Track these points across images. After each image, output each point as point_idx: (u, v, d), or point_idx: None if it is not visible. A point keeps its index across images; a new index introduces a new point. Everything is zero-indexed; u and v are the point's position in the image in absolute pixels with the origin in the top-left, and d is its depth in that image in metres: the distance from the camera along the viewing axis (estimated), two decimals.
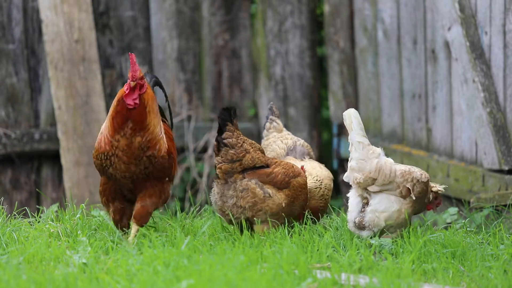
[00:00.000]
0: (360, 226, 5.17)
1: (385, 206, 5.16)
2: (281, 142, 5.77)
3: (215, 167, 5.18)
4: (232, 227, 5.24)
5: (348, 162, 5.23)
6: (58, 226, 5.14)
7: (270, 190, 5.15)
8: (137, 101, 4.97)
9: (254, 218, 5.12)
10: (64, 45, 7.44)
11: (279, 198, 5.15)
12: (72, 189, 7.43)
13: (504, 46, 6.16)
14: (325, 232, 5.16)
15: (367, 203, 5.21)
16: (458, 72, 6.52)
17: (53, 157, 7.56)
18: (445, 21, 6.58)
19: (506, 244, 5.05)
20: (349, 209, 5.25)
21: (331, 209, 5.66)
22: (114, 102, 5.00)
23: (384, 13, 7.44)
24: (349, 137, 5.21)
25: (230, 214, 5.12)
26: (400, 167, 5.22)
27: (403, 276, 4.42)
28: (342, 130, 7.89)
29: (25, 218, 5.41)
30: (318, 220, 5.46)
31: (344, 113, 5.21)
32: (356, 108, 7.85)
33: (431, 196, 5.36)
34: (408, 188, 5.17)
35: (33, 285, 4.12)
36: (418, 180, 5.20)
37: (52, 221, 5.30)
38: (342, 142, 7.93)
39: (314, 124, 8.13)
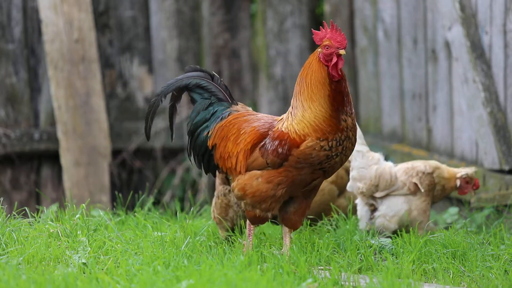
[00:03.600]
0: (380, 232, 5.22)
1: (395, 211, 5.20)
2: None
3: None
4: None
5: (350, 172, 5.26)
6: (58, 226, 5.13)
7: None
8: (340, 72, 4.54)
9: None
10: (63, 45, 7.44)
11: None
12: (72, 189, 7.42)
13: (504, 45, 6.16)
14: (327, 232, 5.15)
15: (374, 210, 5.24)
16: (459, 72, 6.51)
17: (53, 157, 7.56)
18: (445, 21, 6.57)
19: (506, 244, 5.05)
20: (358, 218, 5.28)
21: (334, 210, 5.66)
22: (319, 79, 4.51)
23: (384, 12, 7.43)
24: None
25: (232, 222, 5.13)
26: (402, 165, 5.26)
27: (404, 276, 4.42)
28: None
29: (24, 218, 5.40)
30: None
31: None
32: (356, 108, 7.86)
33: (458, 182, 5.34)
34: (415, 183, 5.20)
35: (32, 285, 4.11)
36: (423, 173, 5.23)
37: (52, 221, 5.29)
38: None
39: None
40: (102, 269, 4.48)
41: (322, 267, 4.52)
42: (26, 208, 5.61)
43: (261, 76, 8.10)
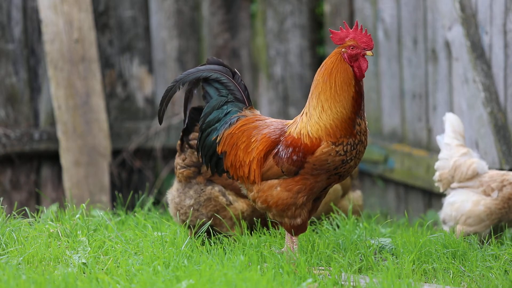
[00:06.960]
0: (443, 222, 5.33)
1: (456, 198, 5.28)
2: None
3: (176, 167, 5.05)
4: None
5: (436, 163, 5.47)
6: (58, 226, 5.13)
7: (231, 197, 5.05)
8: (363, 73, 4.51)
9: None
10: (63, 45, 7.44)
11: (240, 205, 5.07)
12: (72, 189, 7.42)
13: (504, 45, 6.16)
14: (327, 232, 5.15)
15: None
16: (459, 72, 6.51)
17: (53, 157, 7.56)
18: (445, 21, 6.57)
19: (506, 244, 5.05)
20: None
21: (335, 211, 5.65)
22: (345, 80, 4.47)
23: (385, 12, 7.43)
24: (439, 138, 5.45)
25: (186, 215, 5.03)
26: (497, 171, 5.30)
27: (404, 276, 4.42)
28: None
29: (24, 218, 5.40)
30: None
31: (443, 117, 5.47)
32: None
33: None
34: (492, 187, 5.20)
35: (32, 285, 4.11)
36: (510, 183, 5.20)
37: (52, 221, 5.29)
38: None
39: None
40: (102, 269, 4.48)
41: (322, 268, 4.53)
42: (26, 208, 5.61)
43: (261, 76, 8.10)
